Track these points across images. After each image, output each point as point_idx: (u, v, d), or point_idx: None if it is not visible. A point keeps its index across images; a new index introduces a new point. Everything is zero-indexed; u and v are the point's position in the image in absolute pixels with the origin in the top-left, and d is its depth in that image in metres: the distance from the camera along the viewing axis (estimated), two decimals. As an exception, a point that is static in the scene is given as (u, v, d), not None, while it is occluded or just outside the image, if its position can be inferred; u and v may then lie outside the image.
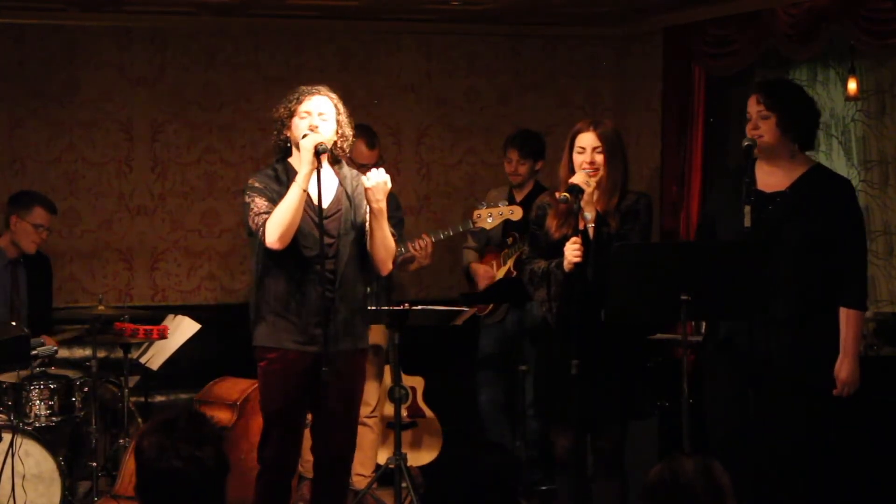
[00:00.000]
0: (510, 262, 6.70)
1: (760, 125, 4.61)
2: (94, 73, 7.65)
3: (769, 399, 4.57)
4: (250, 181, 4.81)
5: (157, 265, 7.81)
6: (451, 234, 6.43)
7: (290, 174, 4.75)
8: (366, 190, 4.73)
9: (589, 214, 4.72)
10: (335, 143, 4.80)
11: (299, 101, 4.78)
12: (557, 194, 4.83)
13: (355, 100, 6.90)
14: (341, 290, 4.75)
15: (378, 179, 4.71)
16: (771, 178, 4.67)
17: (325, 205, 4.76)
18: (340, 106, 4.84)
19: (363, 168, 5.49)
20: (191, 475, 2.88)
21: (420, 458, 6.74)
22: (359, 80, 7.81)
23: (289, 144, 4.84)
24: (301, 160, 4.66)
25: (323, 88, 4.84)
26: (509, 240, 6.72)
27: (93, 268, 7.71)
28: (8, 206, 6.58)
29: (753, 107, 4.64)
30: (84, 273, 7.68)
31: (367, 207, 4.77)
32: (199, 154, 7.83)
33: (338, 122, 4.81)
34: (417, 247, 6.25)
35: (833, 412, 4.74)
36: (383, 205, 4.74)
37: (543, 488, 6.41)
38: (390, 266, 4.92)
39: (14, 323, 5.99)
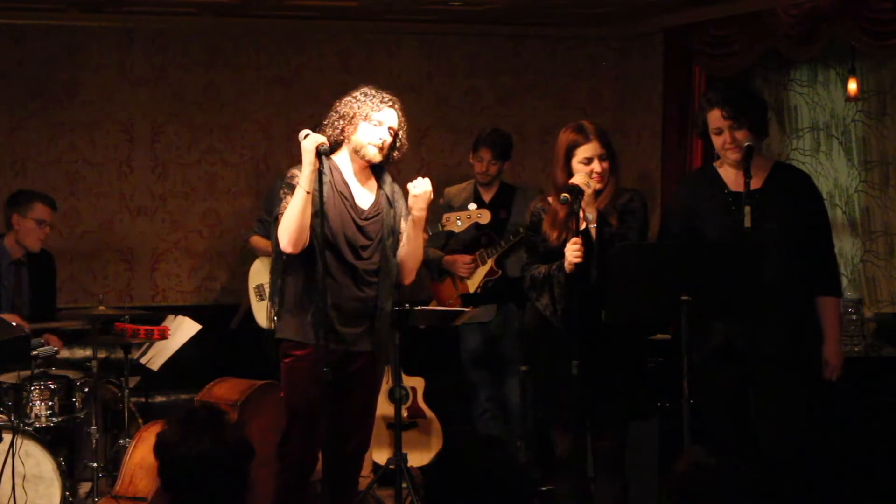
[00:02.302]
0: (491, 261, 6.70)
1: (737, 136, 4.65)
2: (95, 74, 7.66)
3: (768, 396, 4.59)
4: (290, 174, 4.78)
5: (157, 265, 7.81)
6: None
7: (332, 171, 4.76)
8: (412, 197, 4.78)
9: (591, 215, 4.72)
10: (390, 151, 4.84)
11: (378, 108, 4.80)
12: (551, 198, 4.83)
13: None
14: (377, 293, 4.80)
15: (425, 188, 4.78)
16: (742, 178, 4.69)
17: (365, 206, 4.83)
18: (403, 120, 4.89)
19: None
20: (216, 457, 2.91)
21: (420, 458, 6.74)
22: (359, 81, 7.62)
23: (341, 139, 4.83)
24: (303, 161, 4.67)
25: (396, 101, 4.88)
26: (483, 239, 6.72)
27: (93, 268, 7.71)
28: (7, 206, 6.57)
29: (721, 122, 4.68)
30: (85, 273, 7.69)
31: (404, 213, 4.84)
32: (199, 154, 7.84)
33: (398, 136, 4.85)
34: None
35: (834, 412, 4.76)
36: (425, 213, 4.81)
37: (543, 488, 6.41)
38: (414, 276, 4.99)
39: (15, 323, 5.98)
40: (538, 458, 6.56)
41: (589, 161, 4.78)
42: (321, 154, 4.65)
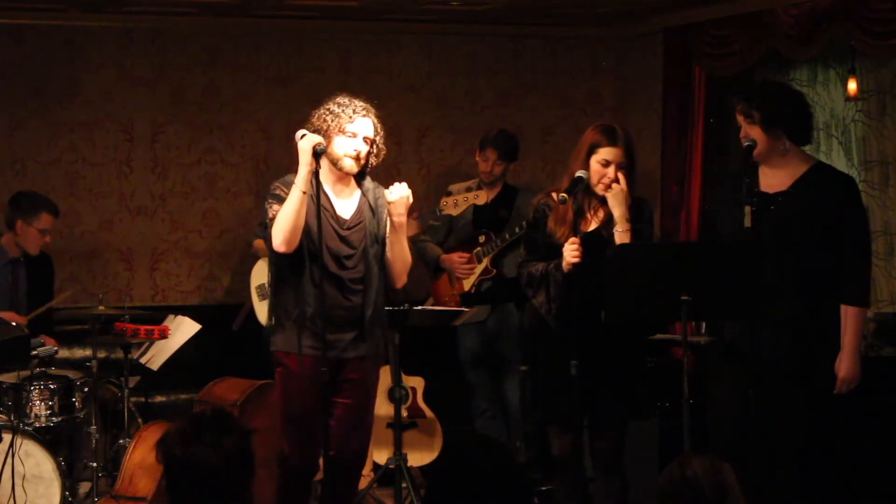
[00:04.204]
0: (487, 260, 6.72)
1: (749, 132, 4.63)
2: (95, 74, 7.66)
3: (771, 398, 4.57)
4: (273, 186, 4.82)
5: (157, 265, 7.81)
6: (425, 231, 6.57)
7: (313, 182, 4.75)
8: (388, 203, 4.78)
9: (619, 235, 4.70)
10: (368, 159, 4.83)
11: (351, 120, 4.78)
12: (555, 195, 4.83)
13: (355, 100, 6.91)
14: (363, 301, 4.80)
15: (401, 194, 4.76)
16: (773, 179, 4.67)
17: (347, 216, 4.83)
18: (379, 126, 4.87)
19: None
20: (213, 464, 2.89)
21: (420, 458, 6.74)
22: (359, 81, 7.81)
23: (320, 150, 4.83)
24: (299, 161, 4.67)
25: (370, 109, 4.86)
26: (481, 238, 6.74)
27: (93, 268, 7.71)
28: (11, 208, 6.56)
29: (738, 116, 4.66)
30: (84, 273, 7.69)
31: (388, 219, 4.82)
32: (199, 154, 7.84)
33: (375, 142, 4.84)
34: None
35: (833, 412, 4.74)
36: (404, 219, 4.80)
37: (543, 488, 6.41)
38: (405, 279, 4.97)
39: (14, 323, 5.98)
40: (538, 458, 6.57)
41: (607, 164, 4.76)
42: (318, 154, 4.66)
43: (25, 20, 7.49)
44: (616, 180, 4.75)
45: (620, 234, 4.71)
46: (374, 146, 4.85)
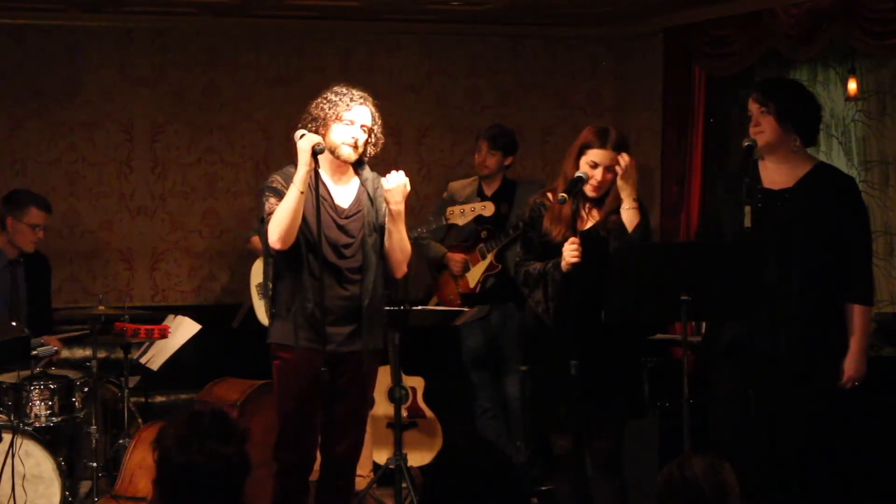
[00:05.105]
0: (491, 256, 6.73)
1: (761, 121, 4.63)
2: (95, 74, 7.66)
3: (771, 398, 4.57)
4: (270, 179, 4.82)
5: (157, 265, 7.81)
6: (425, 231, 6.56)
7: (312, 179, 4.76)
8: (385, 191, 4.76)
9: (627, 213, 4.70)
10: (365, 148, 4.82)
11: (348, 107, 4.78)
12: (552, 195, 4.82)
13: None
14: (360, 291, 4.79)
15: (398, 182, 4.74)
16: (777, 175, 4.67)
17: (345, 205, 4.82)
18: (377, 115, 4.86)
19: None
20: (212, 471, 2.88)
21: (420, 458, 6.74)
22: (359, 81, 7.61)
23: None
24: (298, 161, 4.68)
25: (368, 98, 4.85)
26: (483, 234, 6.75)
27: (93, 268, 7.71)
28: (2, 206, 6.57)
29: (753, 105, 4.66)
30: (84, 273, 7.69)
31: (386, 208, 4.81)
32: (199, 154, 7.84)
33: (373, 131, 4.84)
34: None
35: (834, 412, 4.74)
36: (402, 207, 4.78)
37: (543, 488, 6.41)
38: (405, 269, 4.94)
39: (14, 323, 5.98)
40: (538, 457, 6.57)
41: (595, 166, 4.76)
42: (317, 153, 4.66)
43: (25, 20, 7.49)
44: (602, 182, 4.74)
45: (628, 213, 4.71)
46: (372, 135, 4.84)
